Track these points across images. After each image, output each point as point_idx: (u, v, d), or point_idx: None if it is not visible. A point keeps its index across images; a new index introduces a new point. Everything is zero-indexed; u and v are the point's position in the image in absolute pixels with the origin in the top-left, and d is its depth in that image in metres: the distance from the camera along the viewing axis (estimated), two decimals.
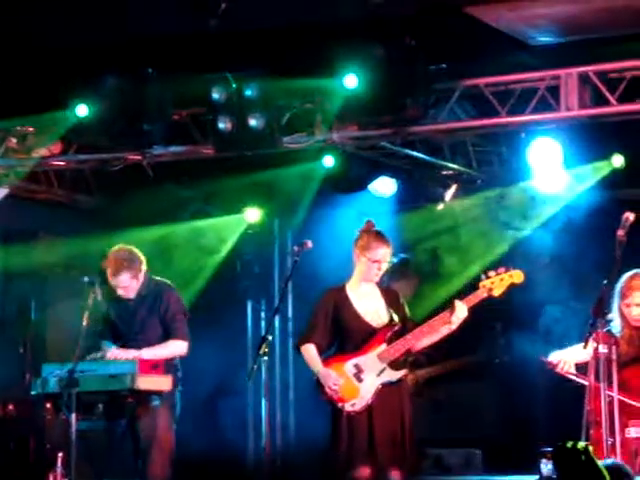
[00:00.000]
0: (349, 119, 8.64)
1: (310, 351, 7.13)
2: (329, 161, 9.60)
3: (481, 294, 7.07)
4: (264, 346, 7.02)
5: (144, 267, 7.71)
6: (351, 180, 9.89)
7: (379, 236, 7.22)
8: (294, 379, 10.69)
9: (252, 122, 8.51)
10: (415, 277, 9.98)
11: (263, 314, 10.92)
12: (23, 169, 9.62)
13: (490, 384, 10.15)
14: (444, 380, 10.02)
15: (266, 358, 7.04)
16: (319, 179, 9.81)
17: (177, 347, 7.69)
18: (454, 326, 7.01)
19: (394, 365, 7.06)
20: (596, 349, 6.27)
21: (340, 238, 8.81)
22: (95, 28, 8.00)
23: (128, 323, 7.72)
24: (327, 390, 7.02)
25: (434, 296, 9.51)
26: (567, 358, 6.89)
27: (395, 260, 9.66)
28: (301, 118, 8.79)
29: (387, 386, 7.04)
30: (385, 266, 7.18)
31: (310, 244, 7.25)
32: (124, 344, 7.63)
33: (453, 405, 10.17)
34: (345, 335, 7.16)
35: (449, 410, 10.14)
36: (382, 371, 7.04)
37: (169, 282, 7.90)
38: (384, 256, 7.16)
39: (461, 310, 6.97)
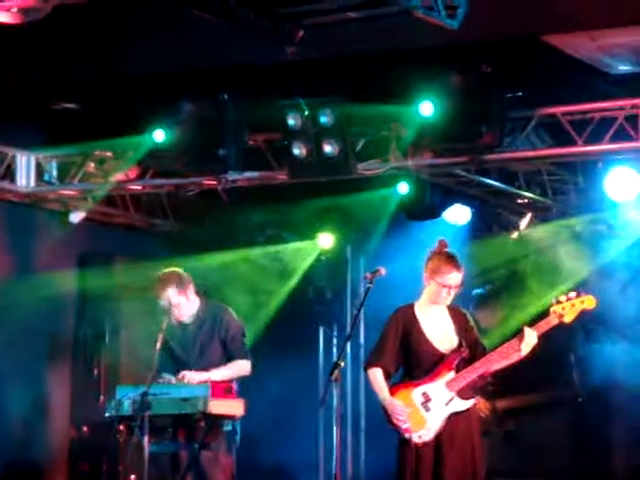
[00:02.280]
0: (424, 146, 8.62)
1: (377, 376, 7.00)
2: (403, 188, 9.58)
3: (552, 320, 6.92)
4: (336, 372, 6.98)
5: (192, 287, 7.72)
6: (425, 208, 9.86)
7: (450, 259, 7.08)
8: (365, 406, 10.65)
9: (327, 148, 8.54)
10: (499, 308, 9.88)
11: (335, 340, 10.91)
12: (100, 193, 9.75)
13: (564, 417, 10.02)
14: (519, 412, 9.91)
15: (337, 384, 7.02)
16: (393, 206, 9.80)
17: (242, 367, 7.70)
18: (523, 353, 6.90)
19: (463, 394, 6.95)
20: None
21: (413, 266, 8.78)
22: (173, 55, 8.09)
23: (188, 348, 7.74)
24: (394, 420, 6.95)
25: (514, 320, 9.44)
26: None
27: (479, 291, 9.64)
28: (376, 145, 8.80)
29: (455, 416, 6.90)
30: (455, 291, 7.08)
31: (383, 271, 7.19)
32: (186, 368, 7.65)
33: (525, 436, 10.05)
34: (413, 359, 7.02)
35: (521, 441, 10.02)
36: (450, 400, 6.91)
37: (223, 305, 7.92)
38: (454, 281, 7.04)
39: (530, 337, 6.85)
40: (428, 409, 6.90)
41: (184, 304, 7.67)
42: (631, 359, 8.98)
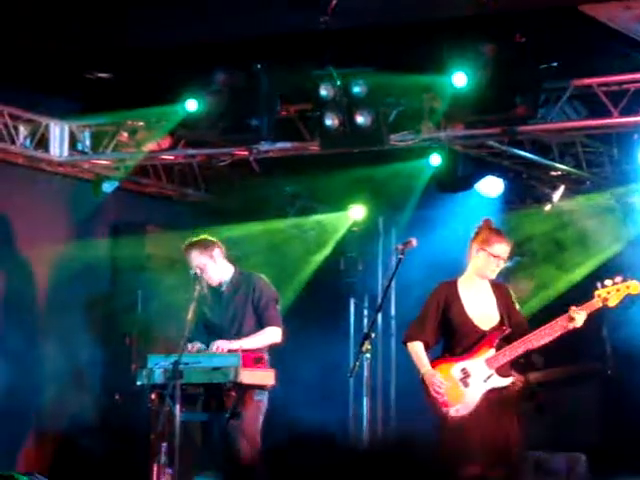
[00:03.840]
0: (457, 118, 8.57)
1: (417, 349, 7.03)
2: (436, 160, 9.53)
3: (596, 304, 6.93)
4: (367, 343, 7.00)
5: (222, 252, 7.74)
6: (458, 179, 9.80)
7: (500, 232, 7.15)
8: (396, 377, 10.65)
9: (359, 119, 8.50)
10: (529, 280, 9.84)
11: (366, 312, 10.91)
12: (133, 163, 9.78)
13: (596, 390, 9.98)
14: (551, 385, 9.88)
15: (368, 355, 7.02)
16: (425, 178, 9.75)
17: (274, 334, 7.72)
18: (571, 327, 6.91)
19: (502, 371, 6.96)
20: None
21: (445, 237, 8.76)
22: (206, 25, 8.08)
23: (222, 315, 7.76)
24: (432, 392, 6.96)
25: (554, 287, 9.42)
26: None
27: (511, 263, 9.59)
28: (408, 116, 8.75)
29: (493, 392, 6.94)
30: (503, 264, 7.09)
31: (415, 242, 7.19)
32: (220, 336, 7.67)
33: (557, 409, 10.02)
34: (453, 335, 7.05)
35: (553, 414, 9.99)
36: (489, 377, 6.93)
37: (258, 273, 7.93)
38: (504, 252, 7.07)
39: (579, 319, 6.87)
40: (467, 384, 6.93)
41: (211, 267, 7.69)
42: None
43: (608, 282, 6.94)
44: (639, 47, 8.14)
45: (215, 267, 7.71)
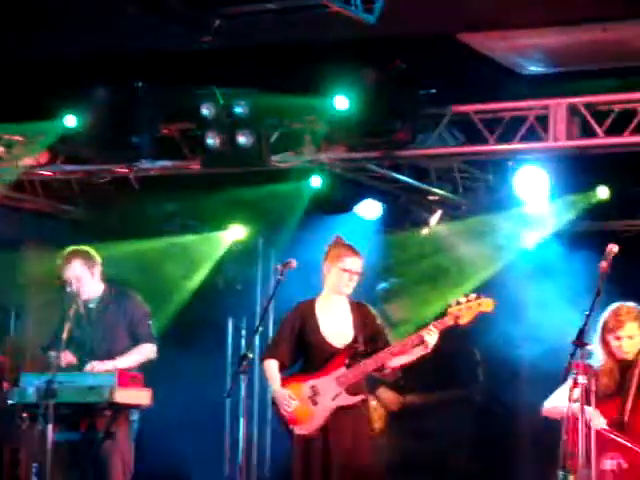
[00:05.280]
0: (338, 140, 8.65)
1: (271, 368, 7.11)
2: (316, 181, 9.61)
3: (448, 321, 7.00)
4: (244, 364, 7.00)
5: (99, 267, 7.71)
6: (337, 202, 9.90)
7: (350, 247, 7.21)
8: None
9: (241, 139, 8.52)
10: (407, 302, 9.96)
11: (244, 332, 10.89)
12: (9, 177, 9.59)
13: (469, 414, 10.15)
14: (425, 407, 10.01)
15: (245, 376, 7.03)
16: (306, 199, 9.81)
17: (149, 350, 7.68)
18: (429, 349, 6.98)
19: (352, 389, 7.00)
20: (575, 379, 6.26)
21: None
22: (87, 40, 8.00)
23: (92, 333, 7.67)
24: (281, 411, 6.99)
25: (430, 309, 9.56)
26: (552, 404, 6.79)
27: (384, 285, 9.70)
28: (290, 137, 8.80)
29: (342, 411, 6.97)
30: (356, 278, 7.13)
31: (294, 263, 7.23)
32: (89, 354, 7.58)
33: (430, 432, 10.15)
34: (308, 353, 7.11)
35: (426, 437, 10.12)
36: (337, 395, 6.97)
37: (129, 290, 7.88)
38: (355, 265, 7.12)
39: (431, 338, 6.93)
40: (315, 403, 6.97)
41: (87, 281, 7.63)
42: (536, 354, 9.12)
43: (462, 299, 7.03)
44: (515, 76, 8.35)
45: (91, 283, 7.65)
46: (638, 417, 6.63)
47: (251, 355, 7.11)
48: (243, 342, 10.76)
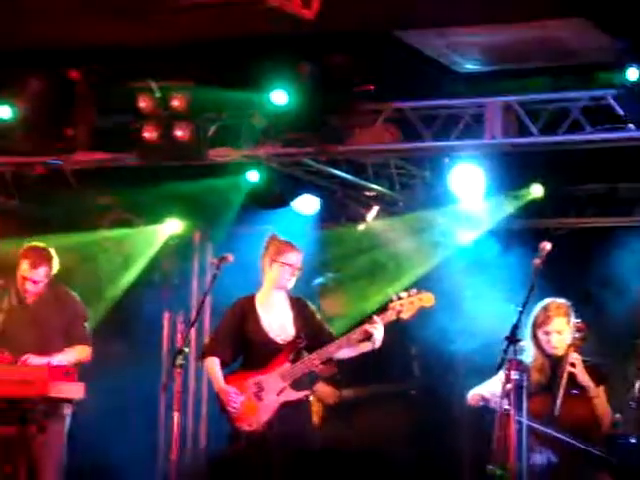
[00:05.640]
0: (275, 135, 8.65)
1: (212, 365, 7.08)
2: (254, 176, 9.59)
3: (390, 316, 7.05)
4: (179, 358, 6.98)
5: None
6: (274, 196, 9.89)
7: (289, 242, 7.24)
8: (208, 393, 10.63)
9: (178, 133, 8.48)
10: (343, 297, 9.99)
11: (180, 326, 10.84)
12: None
13: (405, 407, 10.21)
14: (362, 401, 10.06)
15: (181, 370, 7.00)
16: (243, 194, 9.79)
17: (81, 352, 7.63)
18: (377, 344, 7.01)
19: (296, 384, 7.03)
20: (508, 375, 6.33)
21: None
22: (22, 30, 7.91)
23: (27, 329, 7.60)
24: (226, 407, 6.98)
25: (368, 305, 9.61)
26: (486, 394, 6.87)
27: (321, 280, 9.72)
28: (228, 131, 8.78)
29: (288, 406, 7.00)
30: (298, 272, 7.17)
31: (231, 258, 7.22)
32: (21, 350, 7.51)
33: (367, 425, 10.20)
34: (249, 350, 7.11)
35: (363, 429, 10.18)
36: (282, 390, 7.00)
37: (66, 288, 7.83)
38: (296, 260, 7.15)
39: (377, 332, 6.98)
40: (260, 398, 6.97)
41: (41, 286, 7.56)
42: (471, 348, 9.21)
43: (403, 294, 7.08)
44: (452, 74, 8.41)
45: (43, 285, 7.58)
46: (568, 412, 6.72)
47: (187, 349, 7.09)
48: (179, 336, 10.72)
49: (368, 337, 6.98)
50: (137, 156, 8.79)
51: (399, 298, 7.05)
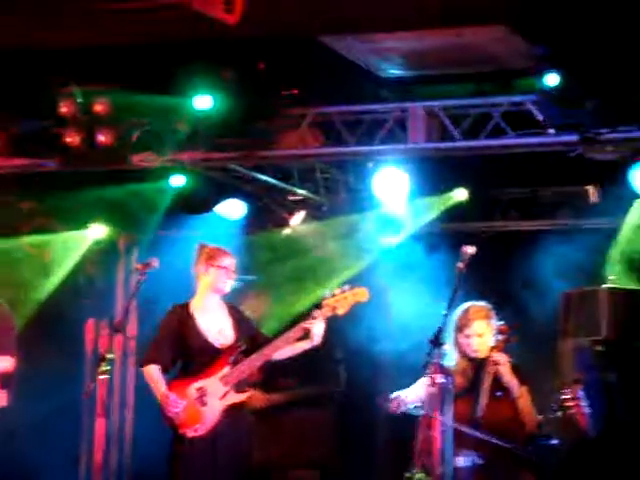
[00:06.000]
0: (199, 140, 8.63)
1: (152, 373, 7.06)
2: (178, 181, 9.55)
3: (326, 312, 7.09)
4: (103, 364, 6.93)
5: None
6: (199, 201, 9.86)
7: (221, 248, 7.29)
8: (134, 399, 10.57)
9: (101, 138, 8.43)
10: (265, 300, 10.00)
11: (104, 332, 10.76)
12: None
13: (331, 410, 10.25)
14: (289, 404, 10.08)
15: (105, 376, 6.95)
16: (168, 199, 9.75)
17: (5, 363, 7.52)
18: (316, 342, 7.04)
19: (238, 387, 7.04)
20: (433, 379, 6.37)
21: (186, 259, 8.77)
22: None
23: None
24: (169, 414, 6.95)
25: (294, 308, 9.63)
26: (406, 398, 6.91)
27: (244, 282, 9.71)
28: (151, 136, 8.74)
29: (231, 409, 7.01)
30: (233, 275, 7.18)
31: (156, 263, 7.18)
32: None
33: (294, 428, 10.22)
34: (189, 355, 7.10)
35: (290, 433, 10.19)
36: (226, 394, 7.01)
37: None
38: (232, 264, 7.19)
39: (316, 329, 7.02)
40: (204, 403, 6.96)
41: None
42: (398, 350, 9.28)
43: (336, 291, 7.13)
44: (375, 79, 8.45)
45: None
46: (492, 414, 6.78)
47: (111, 356, 7.04)
48: (103, 342, 10.63)
49: (306, 334, 7.01)
50: (59, 161, 8.71)
51: (333, 295, 7.10)
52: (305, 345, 7.09)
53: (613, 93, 7.38)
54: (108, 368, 6.89)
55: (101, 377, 6.86)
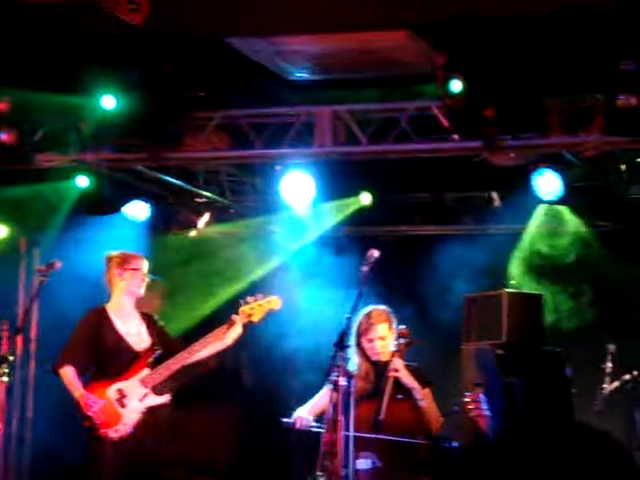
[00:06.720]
0: (104, 140, 8.56)
1: (69, 374, 7.03)
2: (83, 181, 9.43)
3: (242, 319, 7.20)
4: (4, 366, 6.84)
5: None
6: (104, 202, 9.75)
7: (130, 252, 7.34)
8: (35, 401, 10.42)
9: (2, 136, 8.31)
10: (163, 296, 9.92)
11: (5, 334, 10.57)
12: None
13: (232, 413, 10.23)
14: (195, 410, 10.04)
15: (5, 379, 6.85)
16: (72, 199, 9.62)
17: None
18: (229, 342, 7.15)
19: (158, 389, 7.07)
20: (336, 382, 6.40)
21: (92, 260, 8.69)
22: None
23: None
24: (88, 414, 6.91)
25: (201, 310, 9.60)
26: (307, 415, 6.94)
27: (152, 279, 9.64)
28: (56, 135, 8.64)
29: (151, 411, 7.04)
30: (147, 278, 7.24)
31: (59, 264, 7.14)
32: None
33: (194, 429, 10.18)
34: (107, 358, 7.11)
35: (190, 434, 10.14)
36: (145, 396, 7.03)
37: None
38: (145, 266, 7.26)
39: (230, 336, 7.12)
40: (124, 405, 6.99)
41: None
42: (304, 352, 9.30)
43: (250, 299, 7.22)
44: (282, 82, 8.47)
45: None
46: (394, 416, 6.82)
47: (12, 358, 6.96)
48: (4, 344, 10.45)
49: (220, 337, 7.09)
50: None
51: (247, 303, 7.18)
52: (219, 347, 7.19)
53: (513, 101, 7.50)
54: (8, 370, 6.81)
55: (2, 379, 6.78)
